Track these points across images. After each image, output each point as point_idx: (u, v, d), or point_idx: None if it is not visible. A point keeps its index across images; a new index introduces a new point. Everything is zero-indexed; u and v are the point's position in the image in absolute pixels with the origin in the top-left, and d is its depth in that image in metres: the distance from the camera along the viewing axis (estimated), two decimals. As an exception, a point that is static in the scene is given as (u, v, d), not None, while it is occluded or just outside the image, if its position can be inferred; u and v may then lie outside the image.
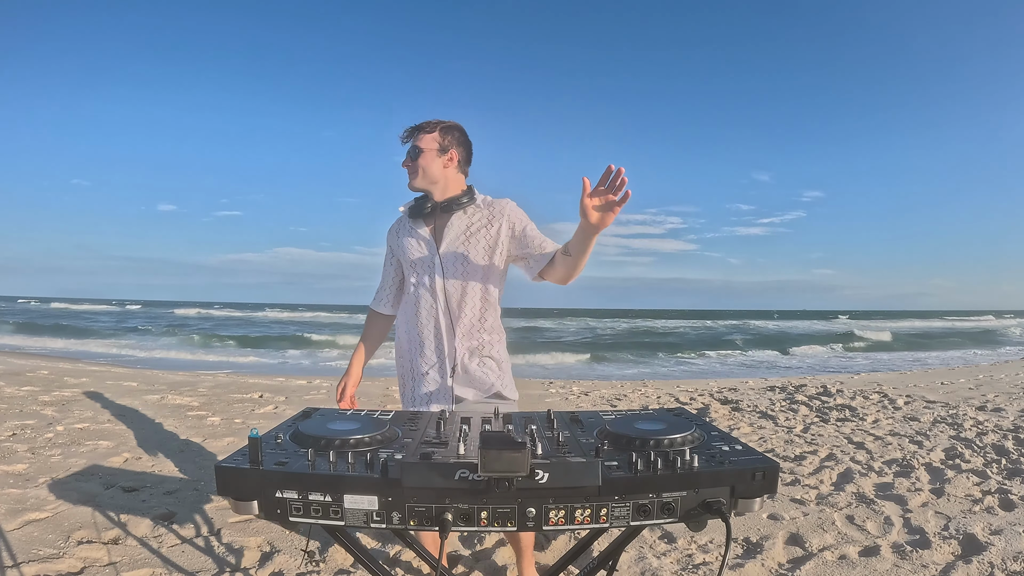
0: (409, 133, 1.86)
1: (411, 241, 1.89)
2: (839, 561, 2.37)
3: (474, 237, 1.84)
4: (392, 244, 1.99)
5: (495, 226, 1.85)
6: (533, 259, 1.83)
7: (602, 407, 5.92)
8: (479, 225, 1.85)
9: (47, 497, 2.84)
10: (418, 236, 1.88)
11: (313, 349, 15.97)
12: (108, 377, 7.35)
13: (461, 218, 1.85)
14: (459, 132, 1.88)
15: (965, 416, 5.11)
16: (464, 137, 1.90)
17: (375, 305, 2.08)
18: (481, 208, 1.87)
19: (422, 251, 1.87)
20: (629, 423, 1.28)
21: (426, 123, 1.86)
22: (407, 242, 1.90)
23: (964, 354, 15.89)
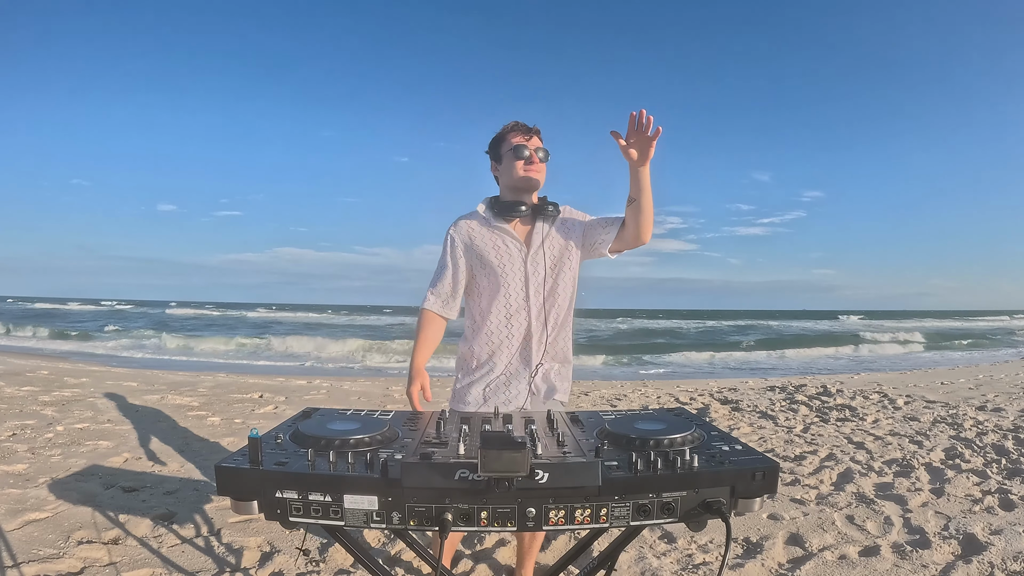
0: (529, 131, 1.85)
1: (496, 239, 1.85)
2: (839, 561, 2.37)
3: (558, 243, 1.86)
4: (464, 243, 1.88)
5: (572, 231, 1.89)
6: (605, 232, 1.85)
7: (602, 407, 5.92)
8: (559, 232, 1.88)
9: (47, 497, 2.84)
10: (508, 237, 1.85)
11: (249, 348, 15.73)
12: (108, 377, 7.35)
13: (546, 224, 1.86)
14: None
15: (965, 416, 5.11)
16: None
17: (440, 307, 1.91)
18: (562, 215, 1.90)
19: (512, 254, 1.84)
20: (629, 423, 1.28)
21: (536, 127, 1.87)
22: (491, 240, 1.85)
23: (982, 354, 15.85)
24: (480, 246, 1.85)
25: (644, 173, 1.67)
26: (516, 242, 1.84)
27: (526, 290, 1.83)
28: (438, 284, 1.91)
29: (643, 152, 1.62)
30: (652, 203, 1.75)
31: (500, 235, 1.85)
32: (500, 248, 1.84)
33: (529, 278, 1.83)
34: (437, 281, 1.91)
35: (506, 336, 1.84)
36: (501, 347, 1.84)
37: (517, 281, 1.83)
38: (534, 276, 1.83)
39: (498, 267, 1.83)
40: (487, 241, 1.85)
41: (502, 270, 1.83)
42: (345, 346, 14.84)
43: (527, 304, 1.84)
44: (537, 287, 1.83)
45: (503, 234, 1.85)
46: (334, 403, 6.06)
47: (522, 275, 1.83)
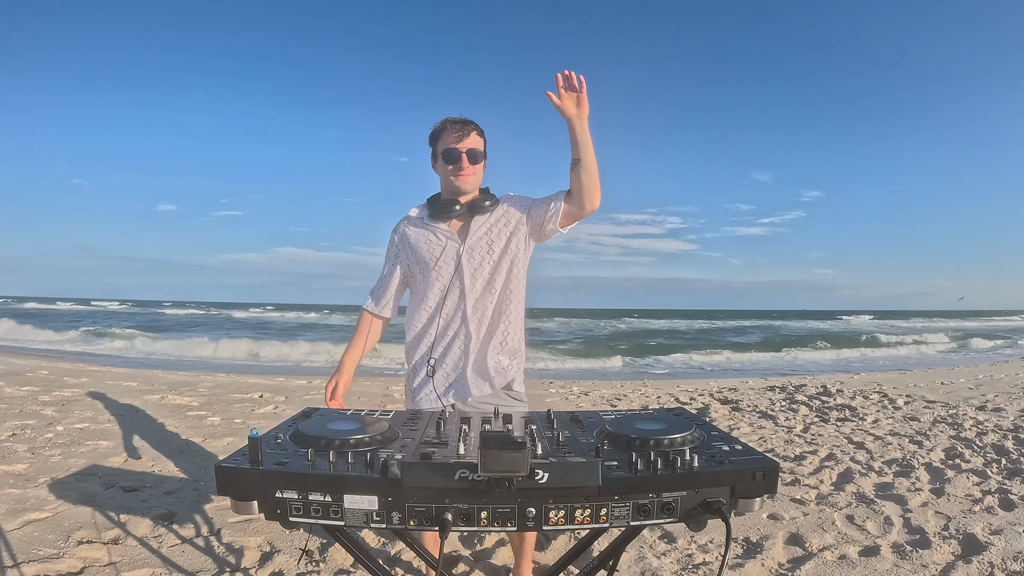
0: (462, 129, 1.80)
1: (430, 238, 1.85)
2: (839, 561, 2.37)
3: (500, 234, 1.84)
4: (400, 245, 1.92)
5: (512, 220, 1.86)
6: (551, 207, 1.83)
7: (602, 407, 5.92)
8: (501, 223, 1.86)
9: (47, 497, 2.84)
10: (440, 233, 1.84)
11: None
12: (108, 377, 7.35)
13: (483, 217, 1.85)
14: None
15: (965, 416, 5.11)
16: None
17: (374, 307, 1.99)
18: (502, 208, 1.88)
19: (446, 249, 1.83)
20: (629, 423, 1.28)
21: (471, 122, 1.83)
22: (426, 240, 1.86)
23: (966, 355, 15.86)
24: (414, 243, 1.87)
25: (583, 127, 1.70)
26: (451, 239, 1.84)
27: (461, 285, 1.82)
28: (376, 284, 1.99)
29: (577, 106, 1.66)
30: (596, 162, 1.74)
31: (433, 231, 1.85)
32: (433, 243, 1.84)
33: (464, 272, 1.82)
34: (378, 281, 1.99)
35: (444, 332, 1.85)
36: (440, 343, 1.85)
37: (450, 276, 1.83)
38: (469, 270, 1.82)
39: (430, 262, 1.84)
40: (420, 240, 1.86)
41: (434, 264, 1.83)
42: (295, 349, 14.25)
43: (463, 299, 1.82)
44: (473, 281, 1.82)
45: (437, 232, 1.85)
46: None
47: (454, 269, 1.82)
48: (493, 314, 1.85)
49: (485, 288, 1.83)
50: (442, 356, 1.85)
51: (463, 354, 1.84)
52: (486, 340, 1.85)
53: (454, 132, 1.80)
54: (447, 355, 1.85)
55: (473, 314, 1.82)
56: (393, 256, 1.95)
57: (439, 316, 1.84)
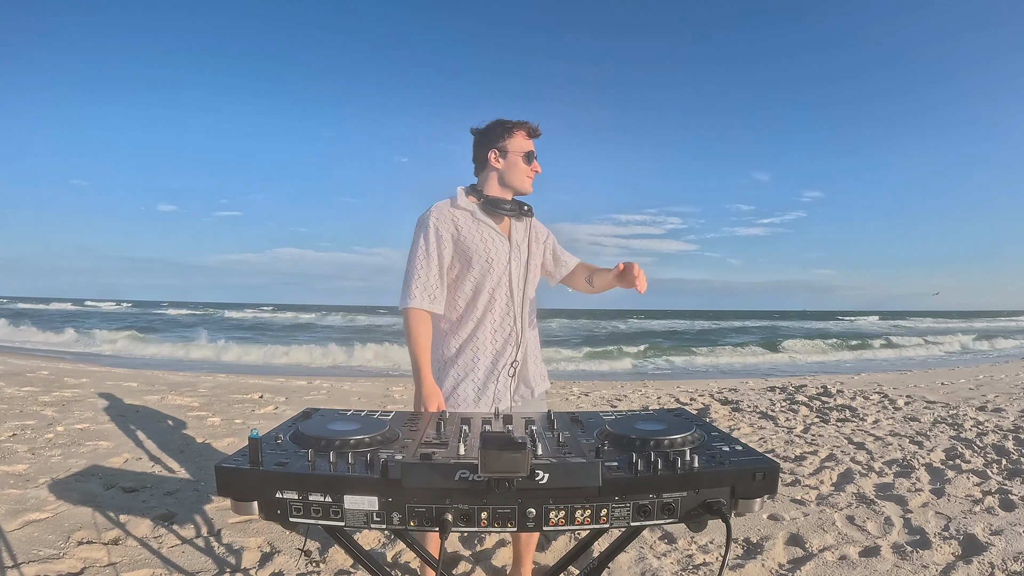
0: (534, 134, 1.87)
1: (486, 236, 1.82)
2: (839, 561, 2.37)
3: (533, 245, 1.95)
4: (447, 234, 1.79)
5: (540, 238, 2.00)
6: (559, 271, 2.04)
7: (602, 407, 5.92)
8: (532, 235, 1.96)
9: (47, 497, 2.84)
10: (494, 233, 1.84)
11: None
12: (108, 378, 7.35)
13: (524, 223, 1.94)
14: None
15: (965, 416, 5.11)
16: None
17: (425, 303, 1.77)
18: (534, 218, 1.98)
19: (498, 250, 1.83)
20: (629, 423, 1.28)
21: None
22: (479, 234, 1.81)
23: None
24: (467, 239, 1.80)
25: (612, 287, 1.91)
26: (502, 238, 1.85)
27: (510, 288, 1.84)
28: (423, 277, 1.77)
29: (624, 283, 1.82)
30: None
31: (487, 230, 1.83)
32: (488, 243, 1.82)
33: (512, 276, 1.85)
34: (421, 274, 1.77)
35: (491, 333, 1.84)
36: (486, 344, 1.84)
37: (502, 278, 1.83)
38: (516, 274, 1.86)
39: (486, 263, 1.81)
40: (474, 235, 1.81)
41: (489, 266, 1.81)
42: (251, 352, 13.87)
43: (511, 302, 1.85)
44: (518, 285, 1.87)
45: (489, 229, 1.83)
46: (334, 403, 6.06)
47: (506, 272, 1.84)
48: (528, 318, 1.90)
49: (526, 291, 1.90)
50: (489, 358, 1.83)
51: (508, 357, 1.85)
52: (531, 345, 1.92)
53: (530, 133, 1.86)
54: (494, 357, 1.84)
55: (519, 318, 1.86)
56: (437, 247, 1.78)
57: (489, 317, 1.83)
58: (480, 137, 1.86)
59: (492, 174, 1.85)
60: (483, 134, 1.86)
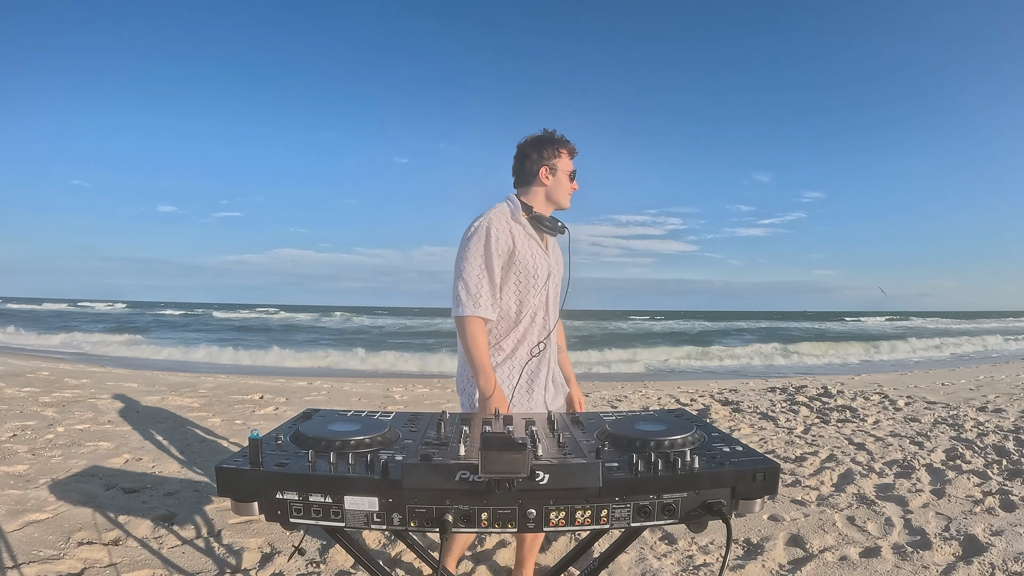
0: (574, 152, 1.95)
1: (536, 250, 1.90)
2: (840, 562, 2.36)
3: (558, 262, 2.03)
4: (506, 245, 1.82)
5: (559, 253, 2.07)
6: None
7: (603, 408, 5.91)
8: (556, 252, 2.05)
9: (47, 498, 2.84)
10: (538, 248, 1.92)
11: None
12: (108, 378, 7.35)
13: (554, 240, 2.03)
14: None
15: (966, 417, 5.10)
16: None
17: (484, 311, 1.79)
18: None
19: (540, 266, 1.90)
20: (630, 424, 1.28)
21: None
22: (531, 251, 1.89)
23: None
24: (521, 252, 1.86)
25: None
26: (543, 254, 1.93)
27: (546, 301, 1.93)
28: (485, 285, 1.79)
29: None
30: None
31: (535, 245, 1.91)
32: (537, 257, 1.90)
33: (550, 290, 1.95)
34: (484, 282, 1.79)
35: (529, 342, 1.91)
36: (522, 351, 1.91)
37: (541, 291, 1.91)
38: (552, 288, 1.96)
39: (533, 276, 1.89)
40: (527, 249, 1.88)
41: (535, 280, 1.89)
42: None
43: (547, 313, 1.94)
44: (553, 298, 1.97)
45: (536, 244, 1.91)
46: (335, 404, 6.06)
47: (544, 286, 1.92)
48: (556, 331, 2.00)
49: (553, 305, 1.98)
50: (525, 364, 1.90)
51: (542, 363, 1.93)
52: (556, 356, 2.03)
53: (571, 154, 1.94)
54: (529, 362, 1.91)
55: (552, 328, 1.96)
56: (496, 256, 1.79)
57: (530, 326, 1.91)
58: (530, 151, 1.91)
59: (540, 190, 1.93)
60: (534, 149, 1.91)
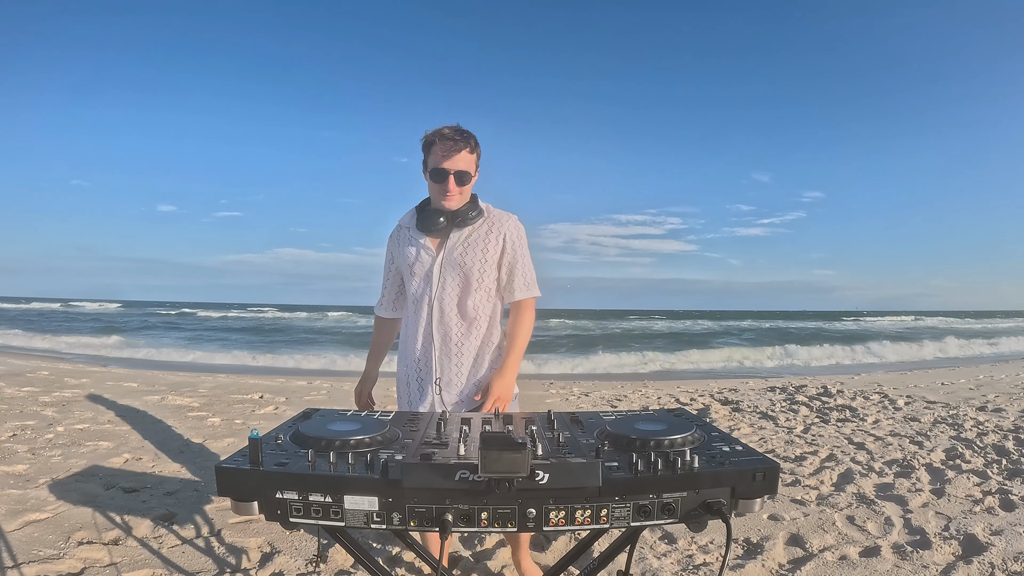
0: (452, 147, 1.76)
1: (411, 250, 1.90)
2: (839, 562, 2.37)
3: (471, 249, 1.86)
4: (393, 251, 2.00)
5: (492, 238, 1.88)
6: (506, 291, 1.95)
7: (602, 408, 5.91)
8: (478, 236, 1.87)
9: (47, 498, 2.84)
10: (420, 246, 1.89)
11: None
12: (108, 378, 7.35)
13: (463, 230, 1.87)
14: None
15: (965, 416, 5.11)
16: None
17: (378, 310, 2.10)
18: (485, 220, 1.89)
19: (422, 261, 1.88)
20: (629, 424, 1.28)
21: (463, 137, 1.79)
22: (408, 251, 1.91)
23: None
24: (399, 254, 1.94)
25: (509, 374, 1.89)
26: (428, 251, 1.87)
27: (430, 301, 1.86)
28: (381, 289, 2.08)
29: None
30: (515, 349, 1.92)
31: (415, 244, 1.89)
32: (413, 256, 1.89)
33: (434, 288, 1.85)
34: (381, 286, 2.08)
35: (413, 345, 1.91)
36: (415, 352, 1.91)
37: (423, 291, 1.87)
38: (439, 286, 1.85)
39: (410, 276, 1.90)
40: (404, 250, 1.92)
41: (413, 279, 1.89)
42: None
43: (430, 315, 1.86)
44: (439, 297, 1.85)
45: (417, 243, 1.89)
46: (334, 404, 6.06)
47: (427, 285, 1.86)
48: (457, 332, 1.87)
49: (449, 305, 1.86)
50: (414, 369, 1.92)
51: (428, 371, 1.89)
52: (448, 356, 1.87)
53: (443, 149, 1.76)
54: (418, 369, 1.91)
55: (438, 331, 1.86)
56: (388, 262, 2.04)
57: (420, 327, 1.89)
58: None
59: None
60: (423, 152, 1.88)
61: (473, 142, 1.82)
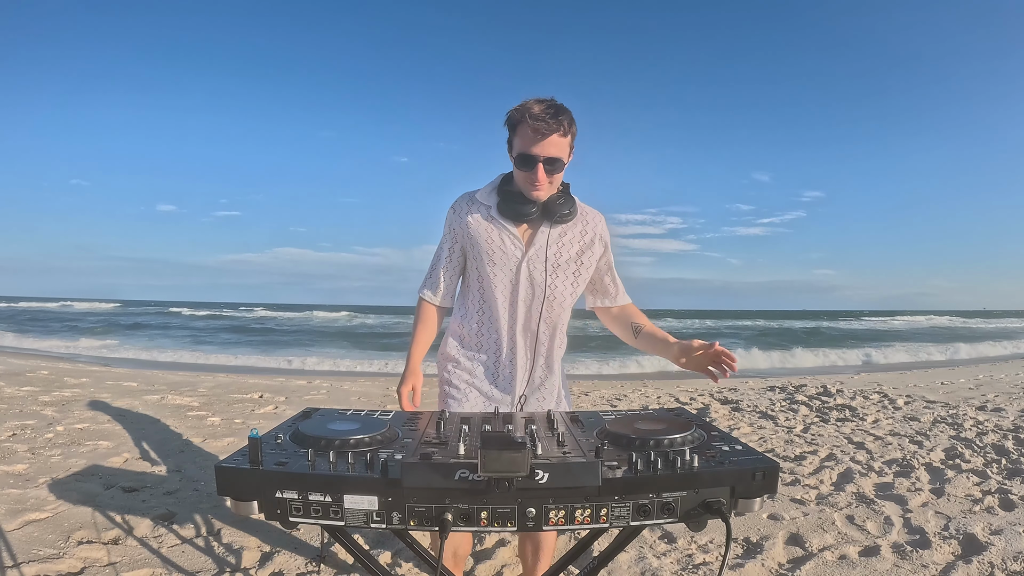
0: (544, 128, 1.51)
1: (497, 237, 1.66)
2: (839, 561, 2.37)
3: (565, 250, 1.69)
4: (461, 229, 1.71)
5: (588, 243, 1.72)
6: (601, 297, 1.82)
7: (602, 407, 5.91)
8: (573, 237, 1.70)
9: (47, 497, 2.84)
10: (507, 234, 1.66)
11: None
12: (108, 377, 7.35)
13: (557, 228, 1.68)
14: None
15: (965, 416, 5.11)
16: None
17: (430, 296, 1.78)
18: (579, 219, 1.71)
19: (506, 251, 1.66)
20: (629, 423, 1.28)
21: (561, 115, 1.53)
22: (489, 234, 1.66)
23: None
24: (476, 237, 1.67)
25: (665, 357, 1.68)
26: (516, 241, 1.66)
27: (514, 297, 1.67)
28: (432, 270, 1.78)
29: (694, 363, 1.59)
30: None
31: (500, 230, 1.66)
32: (496, 244, 1.66)
33: (520, 284, 1.66)
34: (432, 266, 1.78)
35: (485, 343, 1.72)
36: (480, 353, 1.72)
37: (506, 285, 1.67)
38: (526, 283, 1.66)
39: (489, 265, 1.66)
40: (483, 233, 1.67)
41: (492, 269, 1.66)
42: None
43: (509, 312, 1.68)
44: (526, 295, 1.67)
45: (502, 230, 1.66)
46: (334, 403, 6.06)
47: (513, 280, 1.66)
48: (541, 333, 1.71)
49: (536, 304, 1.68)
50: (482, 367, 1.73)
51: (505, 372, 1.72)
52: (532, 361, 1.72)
53: (532, 129, 1.51)
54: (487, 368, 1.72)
55: (522, 333, 1.69)
56: (451, 240, 1.74)
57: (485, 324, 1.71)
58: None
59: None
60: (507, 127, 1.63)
61: (567, 121, 1.55)
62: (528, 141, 1.53)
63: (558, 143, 1.55)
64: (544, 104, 1.53)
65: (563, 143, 1.56)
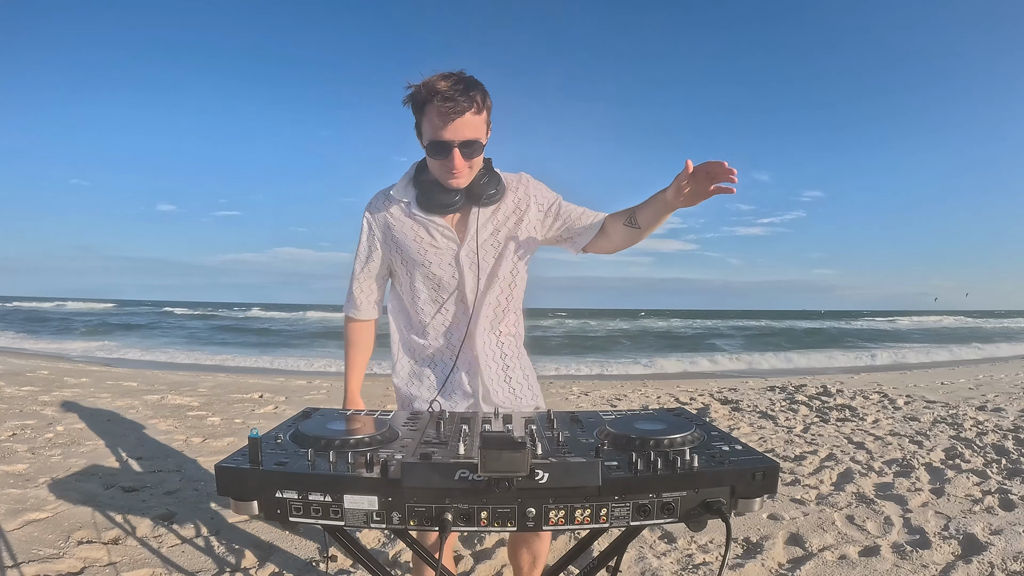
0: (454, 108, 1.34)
1: (423, 232, 1.53)
2: (839, 561, 2.37)
3: (505, 230, 1.56)
4: (379, 232, 1.58)
5: (523, 211, 1.57)
6: (576, 234, 1.61)
7: (602, 407, 5.92)
8: (507, 212, 1.56)
9: (47, 497, 2.84)
10: (434, 227, 1.52)
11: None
12: (108, 377, 7.35)
13: (488, 209, 1.54)
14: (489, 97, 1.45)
15: (965, 416, 5.11)
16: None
17: (355, 312, 1.66)
18: (508, 193, 1.56)
19: (440, 248, 1.53)
20: (629, 423, 1.28)
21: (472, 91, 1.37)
22: (414, 234, 1.53)
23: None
24: (400, 238, 1.54)
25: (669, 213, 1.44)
26: (447, 232, 1.52)
27: (460, 290, 1.55)
28: (352, 284, 1.64)
29: (695, 194, 1.34)
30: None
31: (426, 225, 1.52)
32: (426, 241, 1.52)
33: (464, 276, 1.53)
34: (351, 279, 1.63)
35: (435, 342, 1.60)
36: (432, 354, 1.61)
37: (448, 280, 1.55)
38: (471, 273, 1.53)
39: (424, 264, 1.53)
40: (408, 233, 1.53)
41: (429, 268, 1.53)
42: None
43: (463, 305, 1.57)
44: (473, 284, 1.54)
45: (429, 224, 1.52)
46: (334, 403, 6.06)
47: (454, 273, 1.54)
48: (490, 318, 1.60)
49: (485, 291, 1.57)
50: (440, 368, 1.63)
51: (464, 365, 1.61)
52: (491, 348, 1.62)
53: (441, 111, 1.35)
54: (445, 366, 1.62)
55: (475, 322, 1.57)
56: (369, 246, 1.61)
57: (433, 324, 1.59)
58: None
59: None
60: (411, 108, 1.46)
61: (480, 96, 1.38)
62: (438, 125, 1.36)
63: (473, 123, 1.38)
64: (451, 79, 1.35)
65: (478, 121, 1.39)
